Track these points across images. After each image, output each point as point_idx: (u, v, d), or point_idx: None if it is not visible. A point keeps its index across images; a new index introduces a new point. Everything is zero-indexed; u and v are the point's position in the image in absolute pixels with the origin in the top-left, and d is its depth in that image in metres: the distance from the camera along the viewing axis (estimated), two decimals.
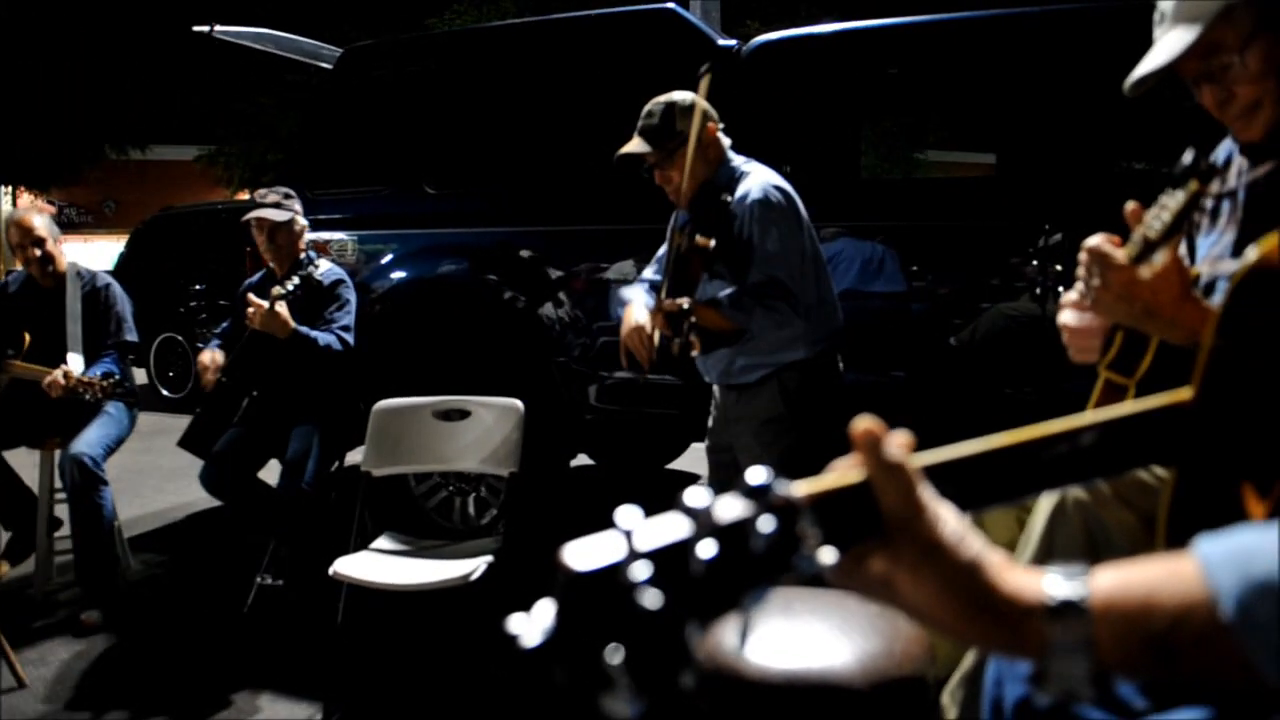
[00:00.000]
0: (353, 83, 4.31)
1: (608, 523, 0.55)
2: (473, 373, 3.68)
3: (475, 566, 2.62)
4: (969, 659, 1.44)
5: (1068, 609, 0.61)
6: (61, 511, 3.62)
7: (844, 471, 0.67)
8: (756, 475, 0.59)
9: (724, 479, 2.72)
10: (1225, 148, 1.59)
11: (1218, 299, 1.47)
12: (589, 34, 3.87)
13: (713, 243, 2.37)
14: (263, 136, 18.25)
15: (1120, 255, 1.30)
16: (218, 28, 4.68)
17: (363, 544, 2.93)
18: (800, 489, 0.61)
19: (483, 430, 2.97)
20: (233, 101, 18.24)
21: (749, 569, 0.56)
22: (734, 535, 0.56)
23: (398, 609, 3.07)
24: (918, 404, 3.24)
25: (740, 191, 2.49)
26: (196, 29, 4.73)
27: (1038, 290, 3.02)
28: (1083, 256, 1.34)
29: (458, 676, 2.87)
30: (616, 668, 0.50)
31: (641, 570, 0.52)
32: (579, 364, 3.68)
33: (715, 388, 2.76)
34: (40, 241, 3.58)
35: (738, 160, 2.63)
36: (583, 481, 5.05)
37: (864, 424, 0.66)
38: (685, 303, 2.27)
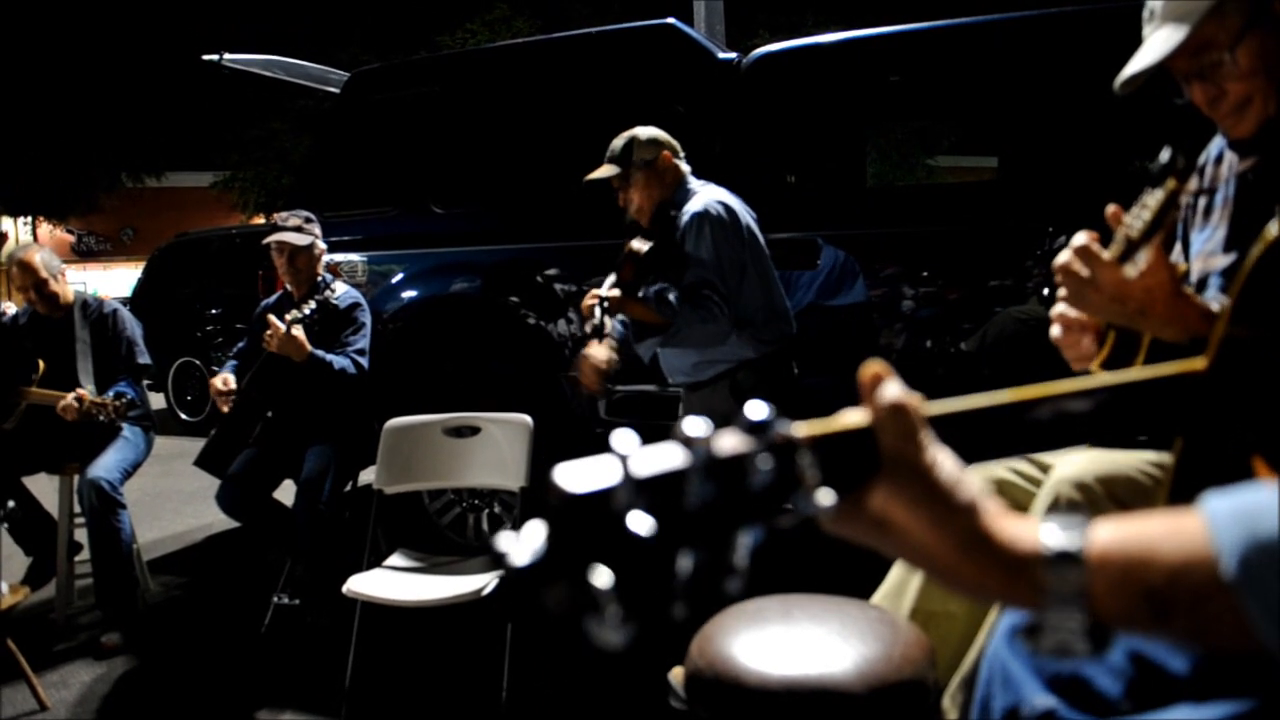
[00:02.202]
0: (360, 106, 4.36)
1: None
2: (483, 389, 3.71)
3: (487, 581, 2.64)
4: (968, 662, 1.44)
5: (1064, 558, 0.60)
6: (81, 536, 3.66)
7: (847, 416, 0.67)
8: (757, 410, 0.58)
9: None
10: (1217, 144, 1.59)
11: (1210, 294, 1.47)
12: (591, 51, 3.90)
13: (646, 246, 2.73)
14: (276, 161, 18.44)
15: (1107, 255, 1.31)
16: (226, 56, 4.75)
17: (376, 562, 2.95)
18: (802, 429, 0.61)
19: (493, 446, 3.00)
20: (246, 128, 18.44)
21: (745, 504, 0.55)
22: (731, 469, 0.55)
23: (412, 625, 3.09)
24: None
25: (687, 207, 2.79)
26: (206, 58, 4.79)
27: (1045, 292, 3.02)
28: (1068, 256, 1.35)
29: (473, 691, 2.88)
30: (604, 592, 0.49)
31: (634, 496, 0.52)
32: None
33: (683, 397, 2.97)
34: (42, 283, 3.61)
35: (695, 184, 2.90)
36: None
37: (872, 368, 0.67)
38: (594, 300, 2.58)
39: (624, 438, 0.55)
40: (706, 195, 2.81)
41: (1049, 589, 0.60)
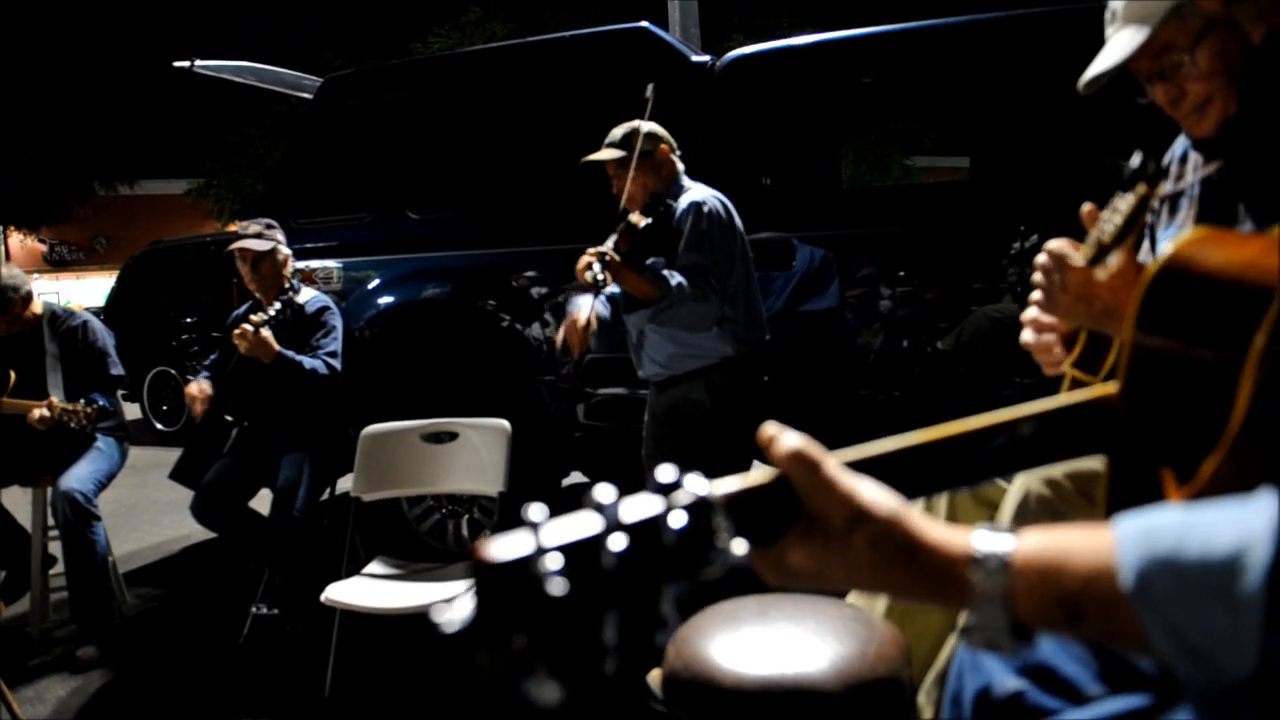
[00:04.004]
0: (333, 111, 4.35)
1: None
2: (461, 394, 3.70)
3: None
4: (943, 657, 1.46)
5: (990, 560, 0.65)
6: (55, 549, 3.63)
7: (758, 472, 0.71)
8: (666, 473, 0.62)
9: None
10: (1181, 144, 1.62)
11: None
12: (565, 55, 3.91)
13: (645, 222, 2.81)
14: (251, 168, 18.30)
15: (1078, 258, 1.33)
16: (198, 63, 4.72)
17: (355, 570, 2.94)
18: (716, 487, 0.64)
19: (471, 451, 2.99)
20: (220, 134, 18.30)
21: (663, 562, 0.58)
22: (645, 531, 0.58)
23: (392, 634, 3.08)
24: (914, 414, 3.27)
25: (683, 199, 2.88)
26: (177, 64, 4.76)
27: (1019, 291, 3.05)
28: (1042, 259, 1.37)
29: (452, 700, 2.88)
30: (531, 656, 0.53)
31: (552, 562, 0.55)
32: (566, 381, 3.71)
33: (648, 399, 3.02)
34: (7, 304, 3.57)
35: (688, 182, 2.99)
36: (577, 500, 5.05)
37: (766, 430, 0.72)
38: (593, 256, 2.63)
39: (537, 510, 0.58)
40: (702, 190, 2.91)
41: (976, 589, 0.66)
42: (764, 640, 1.40)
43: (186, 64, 4.78)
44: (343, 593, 2.69)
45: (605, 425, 3.69)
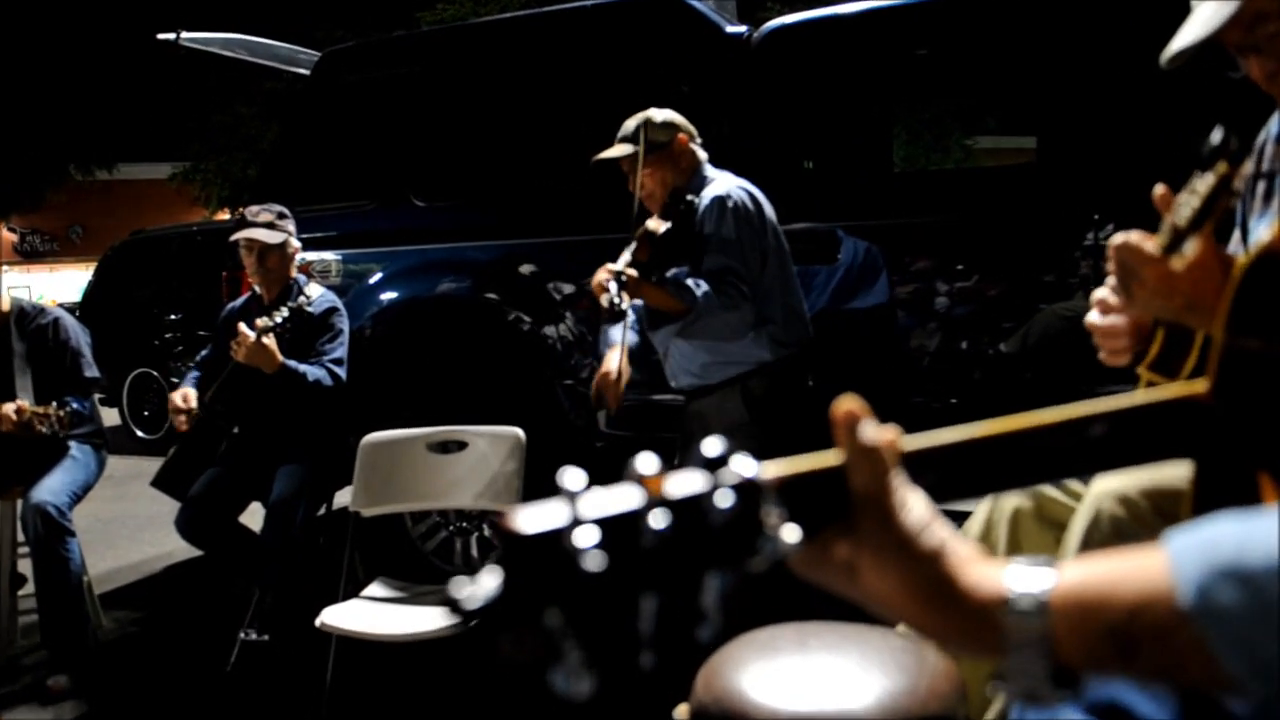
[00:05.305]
0: (332, 89, 4.39)
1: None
2: (471, 400, 3.72)
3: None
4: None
5: (1025, 602, 0.64)
6: (25, 567, 3.67)
7: (816, 456, 0.70)
8: (713, 447, 0.61)
9: None
10: (1277, 122, 1.61)
11: None
12: (586, 26, 3.93)
13: (663, 227, 2.79)
14: (242, 150, 18.45)
15: (1151, 247, 1.33)
16: (183, 34, 4.77)
17: (353, 592, 2.97)
18: (767, 470, 0.64)
19: (481, 462, 3.01)
20: (208, 113, 18.45)
21: (707, 546, 0.58)
22: (689, 509, 0.58)
23: (392, 662, 3.10)
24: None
25: (706, 193, 2.87)
26: (161, 37, 4.81)
27: (1093, 287, 3.02)
28: (1112, 253, 1.37)
29: None
30: (563, 639, 0.52)
31: (588, 536, 0.54)
32: (588, 387, 3.71)
33: (682, 405, 3.03)
34: None
35: (711, 171, 2.99)
36: None
37: (846, 404, 0.71)
38: (608, 275, 2.60)
39: (573, 477, 0.57)
40: (726, 182, 2.90)
41: (1010, 635, 0.64)
42: (803, 672, 1.40)
43: (171, 36, 4.83)
44: (340, 617, 2.72)
45: (631, 435, 3.70)
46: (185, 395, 3.43)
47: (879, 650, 1.44)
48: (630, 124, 2.94)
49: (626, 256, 2.72)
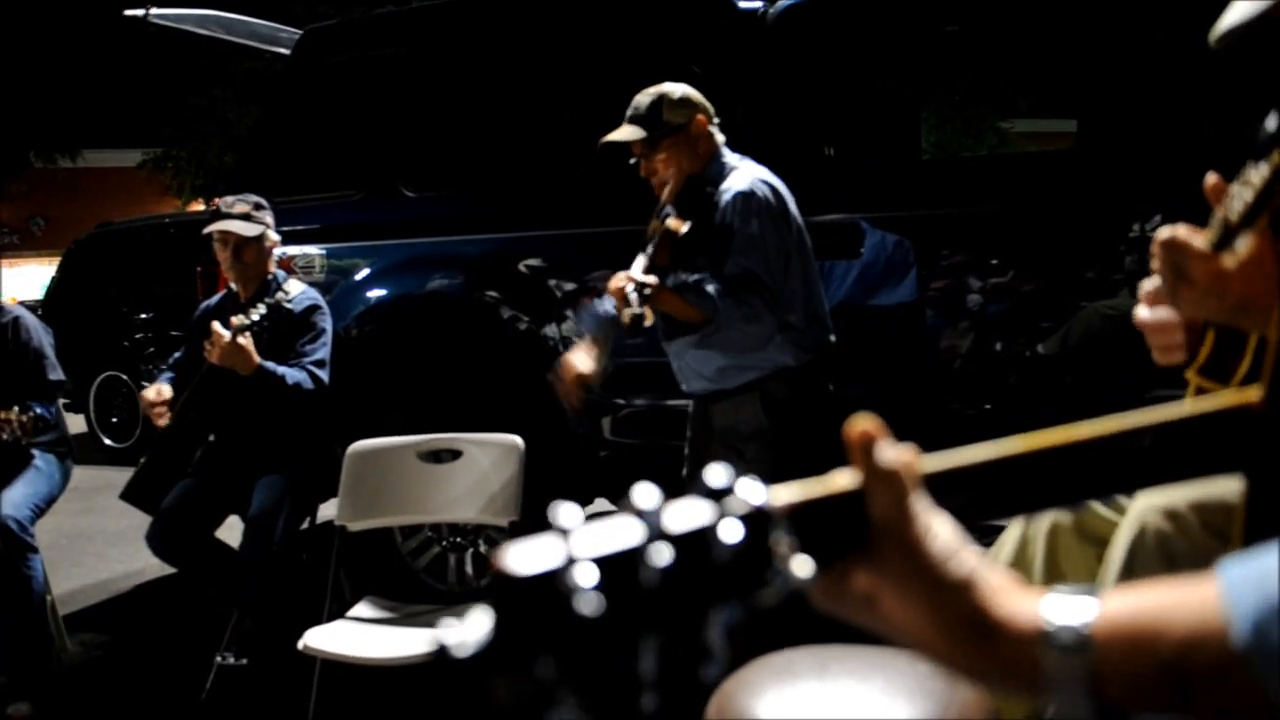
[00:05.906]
0: (314, 70, 4.39)
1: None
2: (465, 406, 3.72)
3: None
4: None
5: (1066, 636, 0.63)
6: None
7: (830, 479, 0.70)
8: (716, 476, 0.62)
9: None
10: None
11: None
12: (590, 1, 3.93)
13: (685, 227, 2.77)
14: (217, 136, 18.45)
15: (1200, 243, 1.33)
16: (153, 11, 4.78)
17: (339, 612, 2.97)
18: (776, 496, 0.64)
19: (477, 473, 3.02)
20: (181, 96, 18.43)
21: (713, 581, 0.58)
22: (693, 543, 0.58)
23: (380, 688, 3.11)
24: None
25: (726, 185, 2.82)
26: (129, 14, 4.83)
27: (1139, 283, 3.02)
28: (1157, 249, 1.37)
29: None
30: (557, 683, 0.53)
31: (586, 576, 0.55)
32: (592, 392, 3.72)
33: (690, 409, 3.05)
34: None
35: (731, 157, 2.95)
36: None
37: (861, 424, 0.70)
38: (628, 283, 2.57)
39: (569, 513, 0.58)
40: (749, 173, 2.86)
41: (1050, 673, 0.63)
42: (823, 700, 1.40)
43: (140, 12, 4.83)
44: (324, 639, 2.73)
45: (637, 443, 3.70)
46: (159, 390, 3.44)
47: (905, 676, 1.44)
48: (642, 101, 2.88)
49: (644, 260, 2.70)
